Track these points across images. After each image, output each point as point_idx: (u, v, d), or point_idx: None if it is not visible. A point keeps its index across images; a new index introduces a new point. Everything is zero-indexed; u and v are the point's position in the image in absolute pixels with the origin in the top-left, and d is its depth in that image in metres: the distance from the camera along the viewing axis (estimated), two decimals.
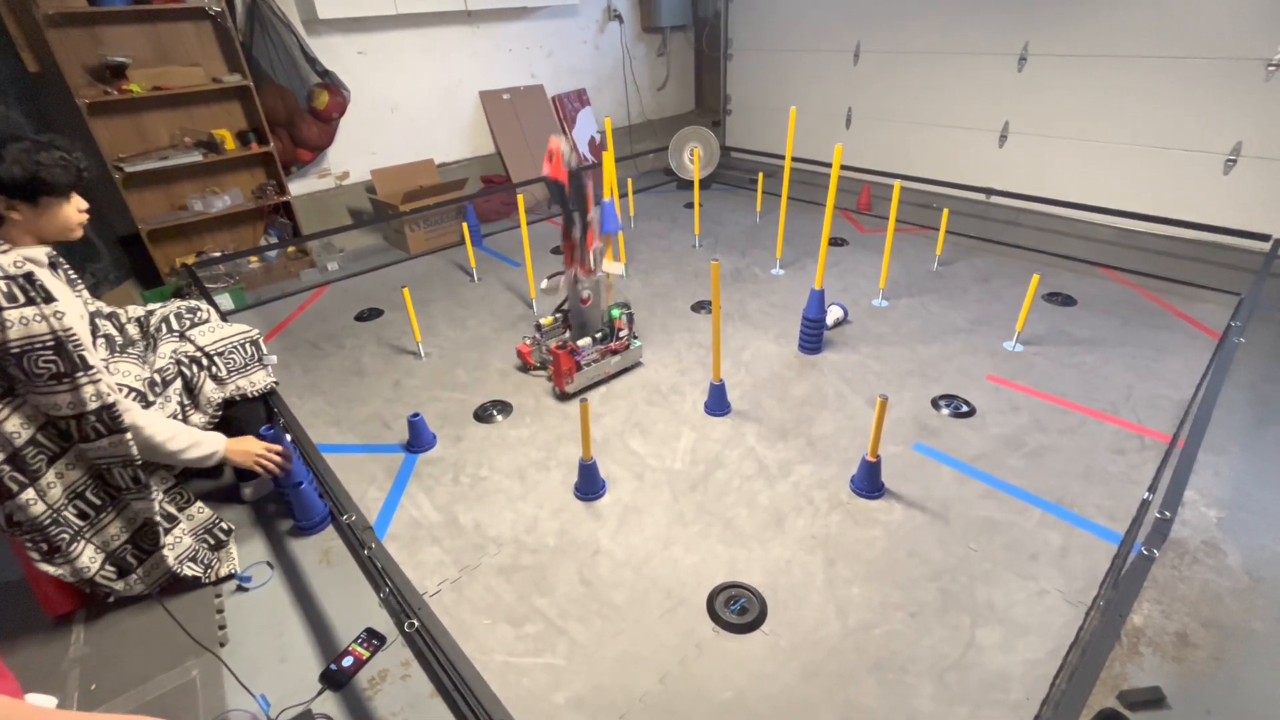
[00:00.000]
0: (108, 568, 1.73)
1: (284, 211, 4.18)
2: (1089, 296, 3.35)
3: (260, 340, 2.12)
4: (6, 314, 1.41)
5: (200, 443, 1.80)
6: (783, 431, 2.45)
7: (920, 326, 3.13)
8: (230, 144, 3.76)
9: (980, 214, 4.48)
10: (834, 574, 1.84)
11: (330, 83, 4.12)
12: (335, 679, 1.60)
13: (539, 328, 2.79)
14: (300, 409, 2.69)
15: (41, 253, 1.62)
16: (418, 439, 2.40)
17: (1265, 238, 3.46)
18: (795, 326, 3.04)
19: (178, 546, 1.82)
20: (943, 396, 2.60)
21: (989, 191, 4.40)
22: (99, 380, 1.54)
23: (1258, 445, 2.25)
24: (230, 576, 1.91)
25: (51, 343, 1.46)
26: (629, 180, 4.83)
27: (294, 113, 4.05)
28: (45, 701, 1.57)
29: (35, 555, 1.62)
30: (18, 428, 1.52)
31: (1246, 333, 2.40)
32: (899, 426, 2.44)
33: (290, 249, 4.17)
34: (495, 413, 2.62)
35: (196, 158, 3.64)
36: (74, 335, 1.49)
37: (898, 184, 3.20)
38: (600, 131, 5.75)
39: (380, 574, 1.69)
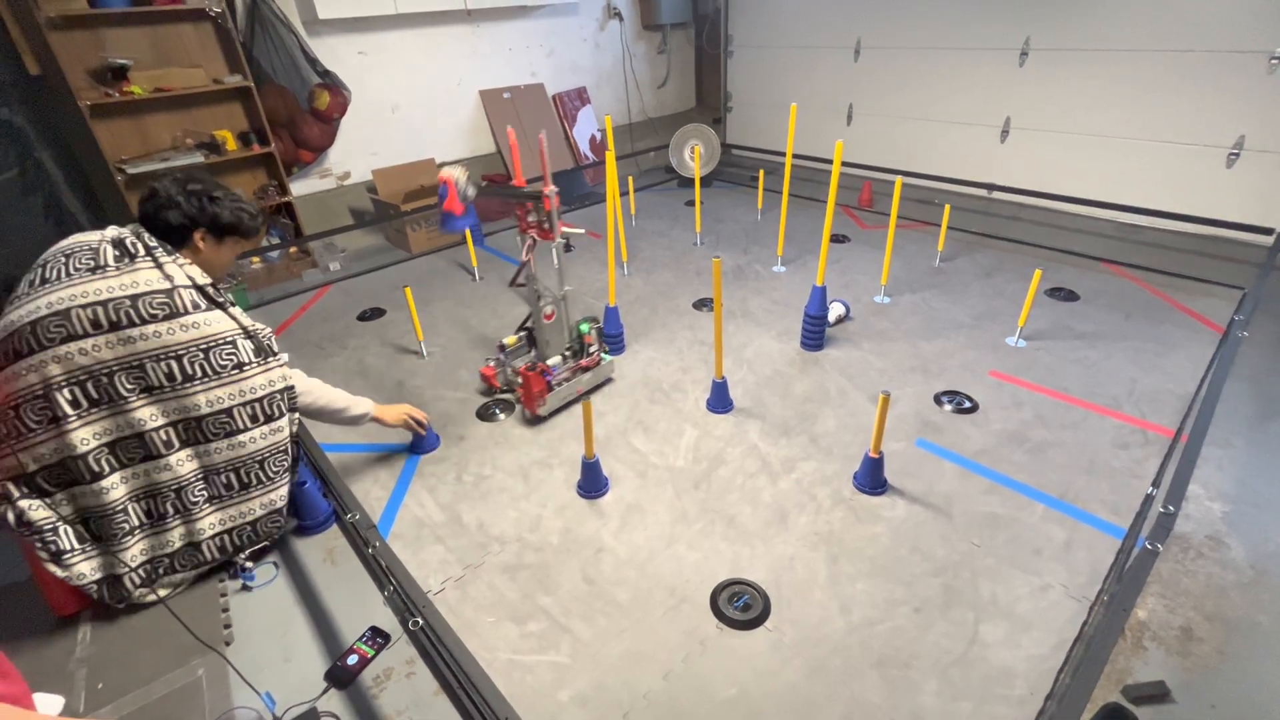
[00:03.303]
0: (139, 570, 1.76)
1: (286, 212, 4.19)
2: (1091, 291, 3.34)
3: (272, 337, 2.12)
4: (187, 318, 1.64)
5: (354, 405, 2.12)
6: (785, 428, 2.45)
7: (922, 322, 3.13)
8: (232, 145, 3.77)
9: (982, 209, 4.47)
10: (837, 570, 1.84)
11: (331, 83, 4.12)
12: (340, 677, 1.60)
13: (503, 348, 2.67)
14: None
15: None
16: (420, 439, 2.41)
17: (1269, 231, 3.46)
18: (797, 323, 3.04)
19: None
20: (945, 392, 2.60)
21: (991, 187, 4.40)
22: (284, 364, 1.85)
23: (1261, 439, 2.25)
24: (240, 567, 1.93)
25: (232, 338, 1.71)
26: (630, 178, 4.83)
27: (295, 113, 4.06)
28: (53, 701, 1.58)
29: (44, 556, 1.63)
30: (145, 417, 1.66)
31: (1250, 326, 2.40)
32: (901, 423, 2.43)
33: (292, 249, 4.18)
34: (498, 411, 2.62)
35: (198, 159, 3.64)
36: (260, 329, 1.80)
37: (899, 180, 3.19)
38: (601, 130, 5.75)
39: (384, 572, 1.70)
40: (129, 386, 1.61)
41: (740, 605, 1.75)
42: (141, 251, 1.63)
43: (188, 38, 3.65)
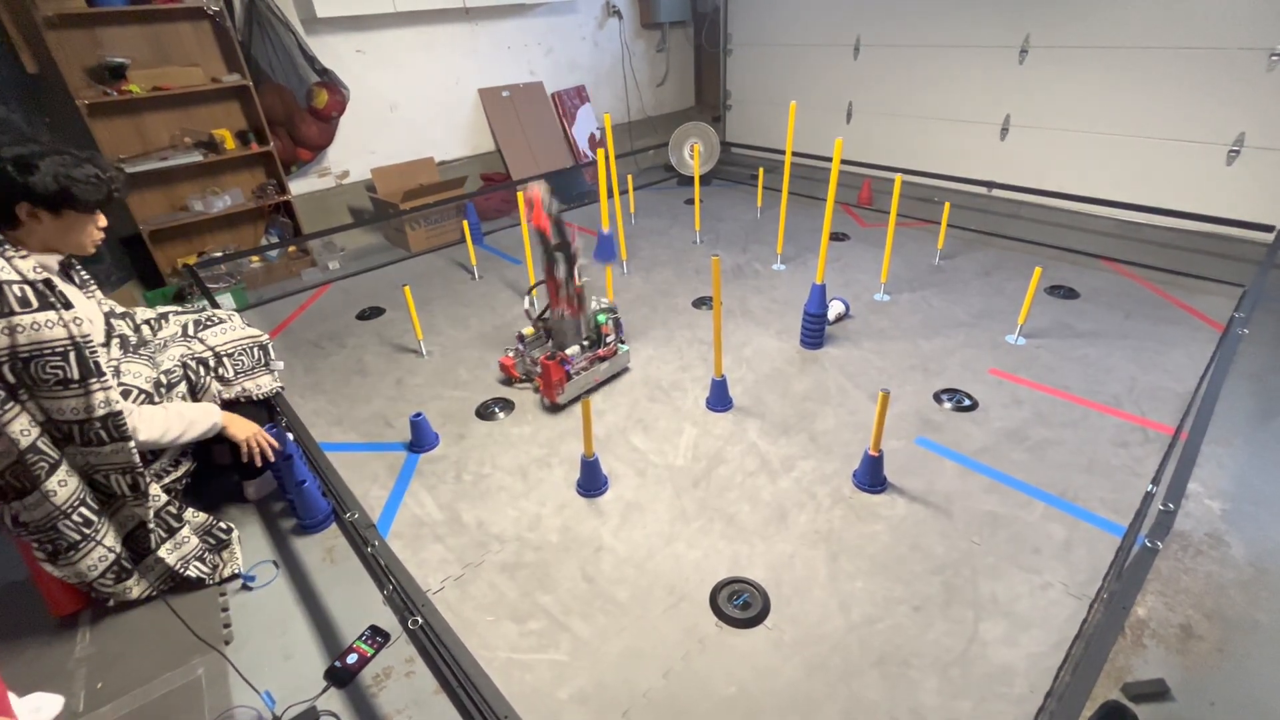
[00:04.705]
0: (107, 575, 1.74)
1: (284, 211, 4.18)
2: (1091, 289, 3.33)
3: (269, 345, 2.12)
4: (18, 318, 1.42)
5: (195, 422, 1.78)
6: (785, 427, 2.44)
7: (922, 321, 3.12)
8: (230, 144, 3.76)
9: (982, 207, 4.47)
10: (837, 569, 1.84)
11: (329, 81, 4.11)
12: (340, 676, 1.60)
13: (522, 338, 2.70)
14: (303, 408, 2.70)
15: (54, 260, 1.63)
16: (420, 438, 2.40)
17: (1269, 228, 3.45)
18: (797, 322, 3.03)
19: (183, 547, 1.83)
20: (945, 391, 2.60)
21: (990, 185, 4.39)
22: (110, 388, 1.55)
23: (1261, 437, 2.25)
24: (234, 577, 1.92)
25: (63, 349, 1.46)
26: (629, 177, 4.82)
27: (293, 112, 4.05)
28: (52, 701, 1.58)
29: (40, 556, 1.63)
30: (27, 426, 1.52)
31: (1250, 324, 2.39)
32: (901, 421, 2.43)
33: (291, 248, 4.17)
34: (497, 410, 2.62)
35: (197, 158, 3.64)
36: (91, 342, 1.51)
37: (899, 178, 3.19)
38: (600, 128, 5.74)
39: (384, 571, 1.69)
40: None
41: (740, 604, 1.75)
42: None
43: (186, 36, 3.64)
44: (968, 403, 2.52)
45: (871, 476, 2.11)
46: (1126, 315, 3.07)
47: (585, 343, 2.67)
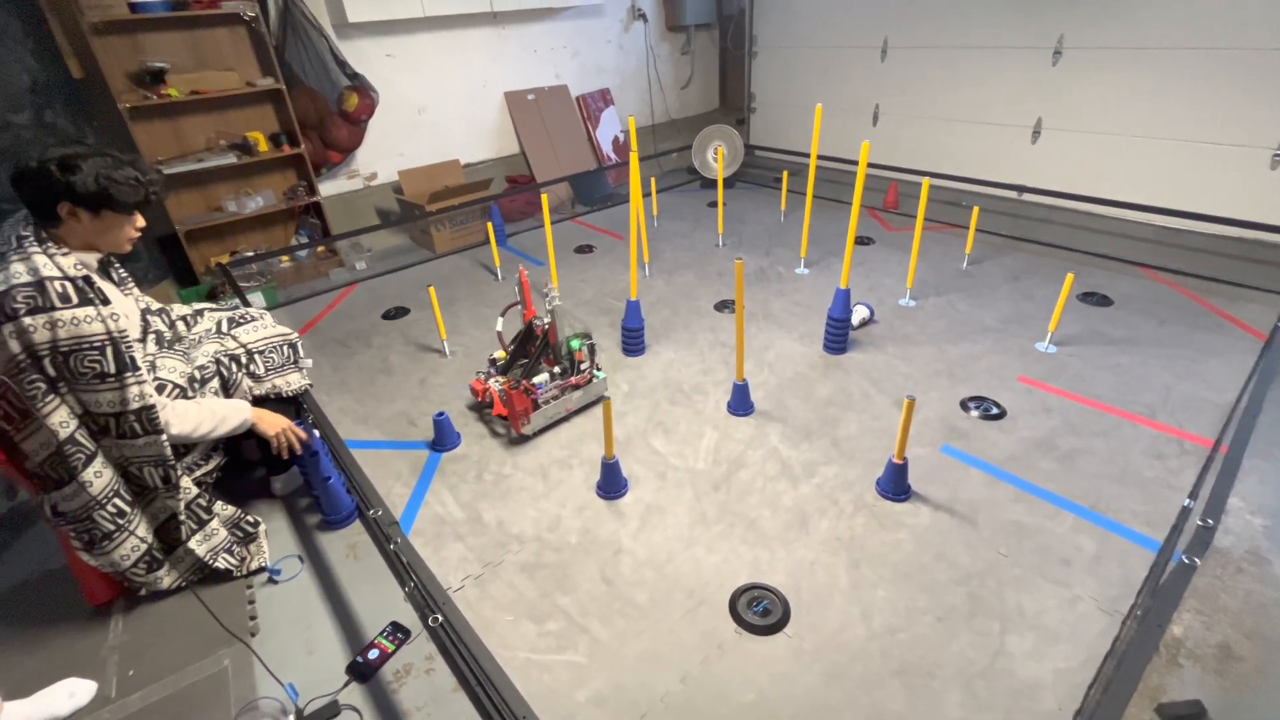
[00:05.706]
0: (139, 565, 1.78)
1: (314, 212, 4.27)
2: (1126, 296, 3.25)
3: (299, 343, 2.16)
4: (59, 313, 1.48)
5: (226, 418, 1.83)
6: (807, 432, 2.42)
7: (948, 326, 3.07)
8: (263, 146, 3.85)
9: (1012, 212, 4.38)
10: (859, 576, 1.82)
11: (359, 85, 4.19)
12: (361, 671, 1.62)
13: (494, 362, 2.60)
14: (329, 406, 2.75)
15: (93, 258, 1.68)
16: (442, 437, 2.43)
17: None
18: (820, 326, 3.00)
19: (213, 539, 1.87)
20: (972, 398, 2.55)
21: (1021, 189, 4.30)
22: (144, 382, 1.61)
23: None
24: (262, 569, 1.96)
25: (100, 344, 1.52)
26: (652, 179, 4.83)
27: (324, 115, 4.13)
28: (85, 687, 1.62)
29: (77, 545, 1.68)
30: (66, 418, 1.57)
31: None
32: (926, 428, 2.39)
33: (320, 249, 4.26)
34: None
35: (231, 160, 3.73)
36: (127, 337, 1.57)
37: (926, 181, 3.14)
38: (624, 131, 5.76)
39: (405, 569, 1.71)
40: (30, 392, 1.51)
41: (759, 610, 1.73)
42: (14, 243, 1.52)
43: (223, 41, 3.74)
44: (995, 410, 2.47)
45: (895, 484, 2.07)
46: (1162, 323, 2.99)
47: (557, 370, 2.50)
